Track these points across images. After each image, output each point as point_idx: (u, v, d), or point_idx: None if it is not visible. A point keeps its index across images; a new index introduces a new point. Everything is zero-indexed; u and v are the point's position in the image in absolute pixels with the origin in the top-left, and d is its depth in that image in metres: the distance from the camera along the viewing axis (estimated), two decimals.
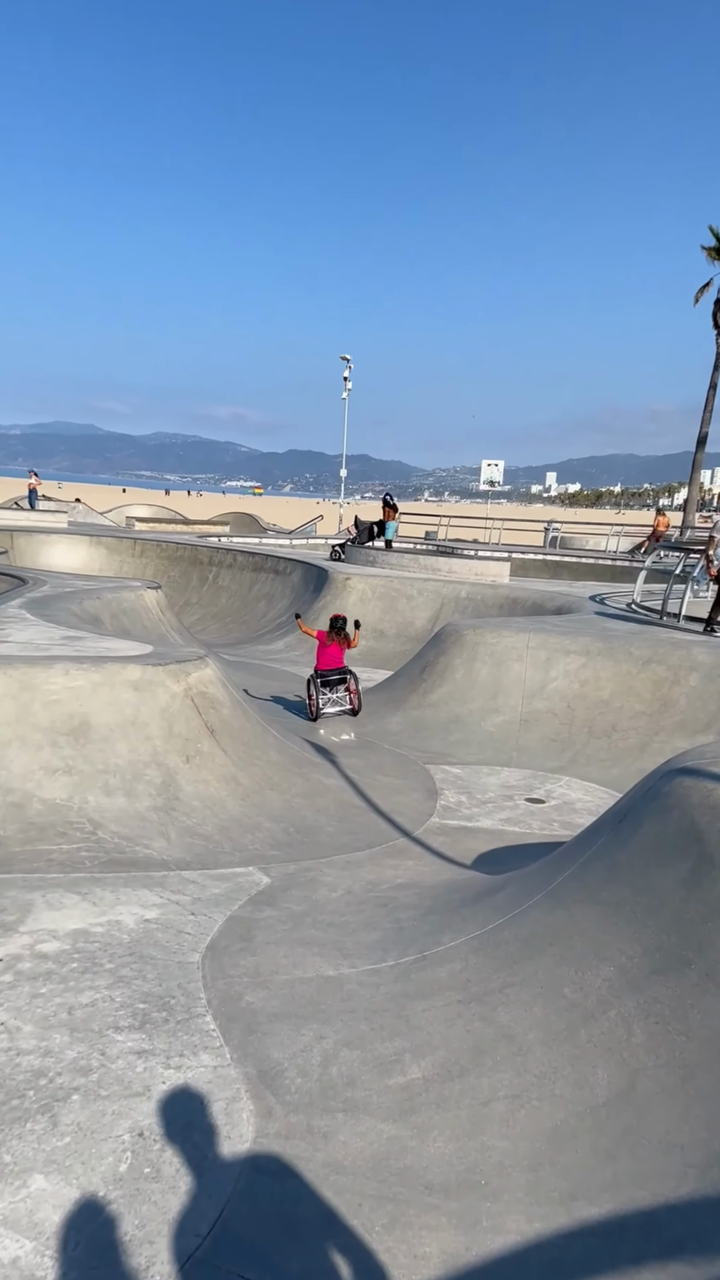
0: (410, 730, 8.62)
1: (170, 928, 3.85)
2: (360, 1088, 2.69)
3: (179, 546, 20.28)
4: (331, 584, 15.76)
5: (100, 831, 4.90)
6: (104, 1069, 2.69)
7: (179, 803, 5.46)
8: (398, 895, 4.59)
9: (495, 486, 29.13)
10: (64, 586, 10.16)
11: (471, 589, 14.97)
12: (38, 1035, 2.82)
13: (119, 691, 5.67)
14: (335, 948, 3.80)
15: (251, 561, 18.87)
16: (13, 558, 17.05)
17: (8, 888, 4.04)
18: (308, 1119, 2.53)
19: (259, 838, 5.46)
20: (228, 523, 35.61)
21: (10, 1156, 2.26)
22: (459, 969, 3.34)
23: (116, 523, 31.24)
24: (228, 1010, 3.15)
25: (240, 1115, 2.54)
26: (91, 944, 3.57)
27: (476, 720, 8.55)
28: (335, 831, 5.81)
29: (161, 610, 11.36)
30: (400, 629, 14.86)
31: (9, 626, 7.10)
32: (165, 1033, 2.95)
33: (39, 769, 5.11)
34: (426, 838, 5.88)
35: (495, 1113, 2.45)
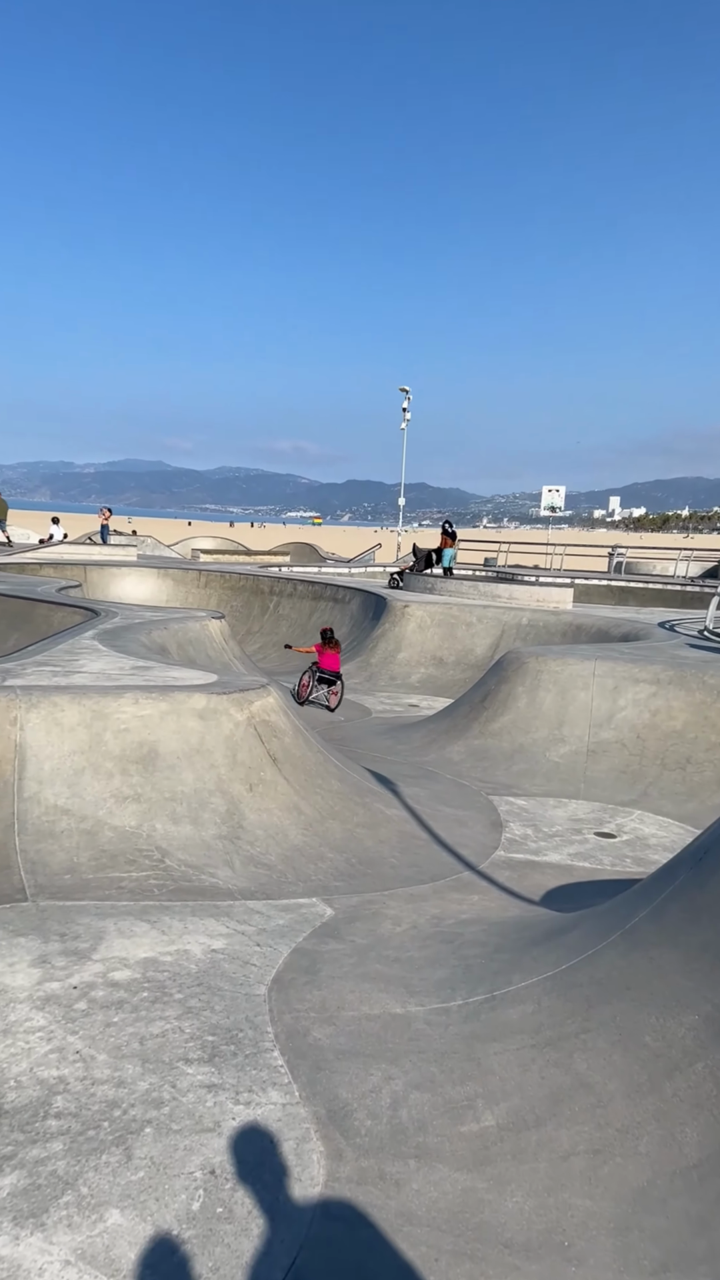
0: (472, 760, 8.49)
1: (237, 958, 3.86)
2: (432, 1133, 2.61)
3: (241, 577, 20.72)
4: (390, 612, 15.79)
5: (168, 859, 4.98)
6: (175, 1102, 2.70)
7: (243, 831, 5.50)
8: (464, 931, 4.48)
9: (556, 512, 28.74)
10: (134, 618, 10.49)
11: (533, 616, 14.75)
12: (111, 1065, 2.85)
13: (185, 720, 5.79)
14: (401, 984, 3.73)
15: (311, 590, 19.10)
16: (86, 590, 17.73)
17: (81, 914, 4.14)
18: (379, 1164, 2.47)
19: (322, 868, 5.44)
20: (288, 553, 36.23)
21: (87, 1189, 2.27)
22: (531, 1011, 3.23)
23: (182, 555, 32.19)
24: (295, 1046, 3.12)
25: (310, 1156, 2.50)
26: (161, 973, 3.60)
27: (541, 750, 8.35)
28: (398, 863, 5.74)
29: (225, 639, 11.59)
30: (460, 656, 14.74)
31: (83, 657, 7.36)
32: (234, 1067, 2.94)
33: (110, 796, 5.24)
34: (492, 871, 5.75)
35: (576, 1168, 2.34)
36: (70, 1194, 2.27)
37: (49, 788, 5.09)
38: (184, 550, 34.41)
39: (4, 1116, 2.57)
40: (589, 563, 28.73)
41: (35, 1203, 2.23)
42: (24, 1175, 2.33)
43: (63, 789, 5.13)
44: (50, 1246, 2.10)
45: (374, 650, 15.45)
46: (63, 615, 10.67)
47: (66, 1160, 2.40)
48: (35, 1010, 3.19)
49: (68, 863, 4.70)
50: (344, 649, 16.25)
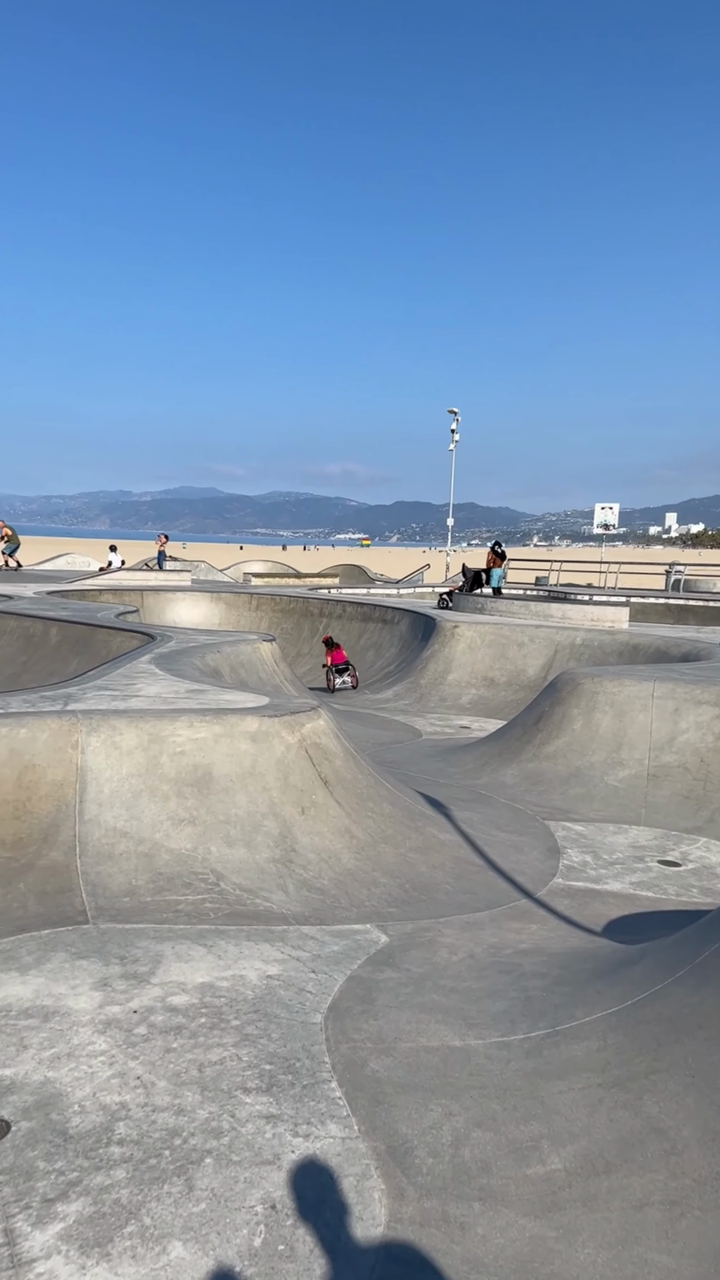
0: (526, 783, 8.32)
1: (292, 985, 3.84)
2: (496, 1175, 2.53)
3: (291, 599, 20.95)
4: (439, 632, 15.71)
5: (223, 883, 5.00)
6: (234, 1132, 2.68)
7: (296, 855, 5.50)
8: (522, 962, 4.37)
9: (610, 529, 28.17)
10: (188, 641, 10.69)
11: (587, 635, 14.47)
12: (171, 1092, 2.86)
13: (238, 743, 5.84)
14: (459, 1016, 3.65)
15: (360, 612, 19.17)
16: (143, 615, 18.19)
17: (140, 938, 4.18)
18: (442, 1205, 2.40)
19: (375, 893, 5.39)
20: (337, 574, 36.51)
21: (150, 1219, 2.27)
22: (596, 1049, 3.11)
23: (234, 579, 32.77)
24: (353, 1078, 3.08)
25: (371, 1195, 2.45)
26: (218, 999, 3.61)
27: (599, 774, 8.14)
28: (453, 890, 5.65)
29: (276, 662, 11.70)
30: (511, 677, 14.53)
31: (140, 681, 7.53)
32: (292, 1098, 2.91)
33: (166, 819, 5.31)
34: (550, 900, 5.60)
35: (651, 1220, 2.22)
36: (134, 1224, 2.27)
37: (108, 810, 5.19)
38: (236, 574, 35.03)
39: (69, 1142, 2.59)
40: (645, 580, 28.08)
41: (100, 1231, 2.24)
42: (89, 1203, 2.34)
43: (121, 811, 5.22)
44: (115, 1278, 2.10)
45: (423, 671, 15.37)
46: (121, 640, 10.95)
47: (130, 1189, 2.40)
48: (97, 1034, 3.22)
49: (126, 885, 4.77)
50: (393, 670, 16.27)
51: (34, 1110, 2.76)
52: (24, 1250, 2.15)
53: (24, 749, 5.25)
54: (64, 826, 5.04)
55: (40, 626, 12.26)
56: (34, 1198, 2.36)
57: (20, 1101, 2.79)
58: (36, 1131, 2.65)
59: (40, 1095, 2.83)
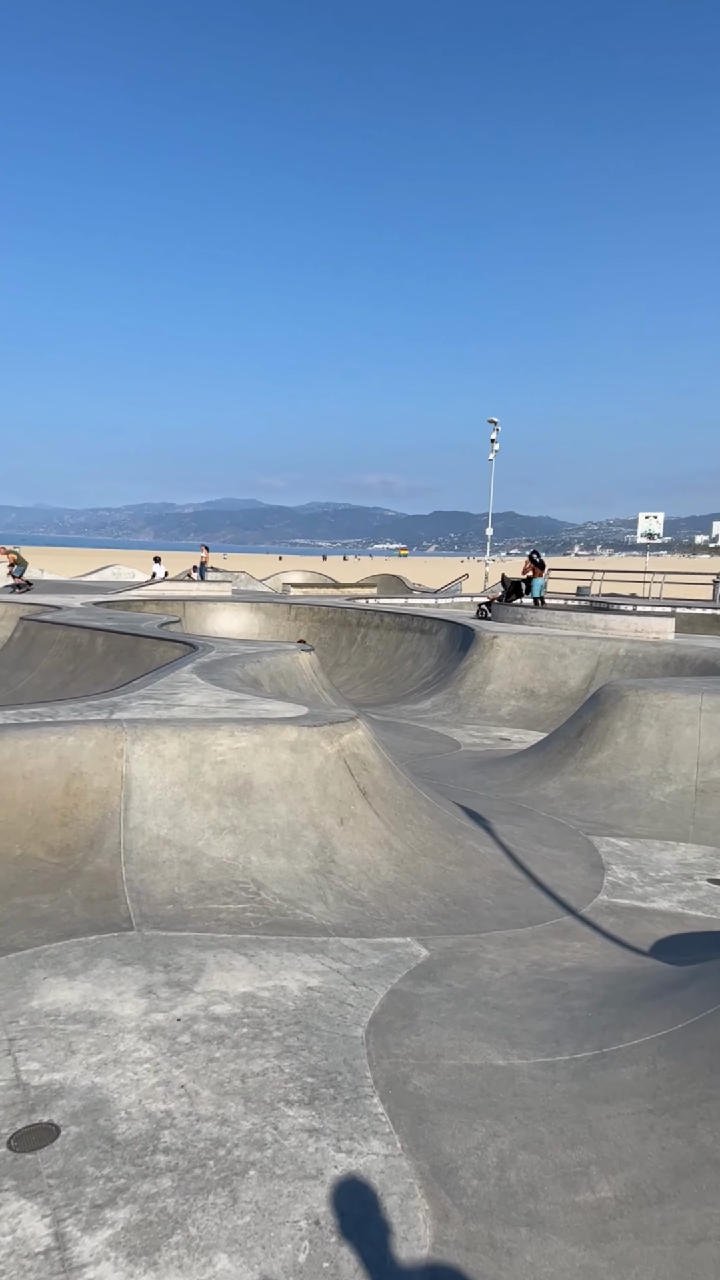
0: (569, 797, 8.18)
1: (333, 998, 3.83)
2: (544, 1200, 2.47)
3: (329, 610, 21.04)
4: (479, 643, 15.58)
5: (263, 892, 5.02)
6: (277, 1145, 2.68)
7: (335, 866, 5.50)
8: (567, 980, 4.28)
9: (654, 538, 27.61)
10: (229, 651, 10.82)
11: (631, 647, 14.20)
12: (215, 1102, 2.87)
13: (278, 753, 5.87)
14: (503, 1034, 3.59)
15: (398, 622, 19.15)
16: (185, 625, 18.47)
17: (183, 946, 4.22)
18: (488, 1229, 2.36)
19: (415, 906, 5.35)
20: (375, 584, 36.55)
21: (196, 1230, 2.28)
22: (646, 1073, 3.03)
23: (273, 589, 33.07)
24: (395, 1094, 3.05)
25: (416, 1215, 2.42)
26: (260, 1009, 3.62)
27: (644, 789, 7.96)
28: (494, 904, 5.57)
29: (314, 671, 11.75)
30: (552, 689, 14.34)
31: (182, 690, 7.64)
32: (334, 1112, 2.89)
33: (208, 828, 5.36)
34: (595, 917, 5.48)
35: (708, 1255, 2.15)
36: (180, 1234, 2.28)
37: (152, 818, 5.27)
38: (275, 584, 35.35)
39: (116, 1148, 2.62)
40: (691, 590, 27.46)
41: (148, 1240, 2.26)
42: (136, 1210, 2.36)
43: (164, 819, 5.29)
44: None
45: (462, 682, 15.26)
46: (164, 650, 11.13)
47: (176, 1198, 2.42)
48: (142, 1041, 3.26)
49: (169, 893, 4.82)
50: (430, 681, 16.20)
51: (82, 1115, 2.79)
52: (74, 1255, 2.18)
53: (72, 757, 5.36)
54: (109, 833, 5.13)
55: (87, 636, 12.54)
56: (83, 1203, 2.39)
57: (69, 1106, 2.84)
58: (85, 1137, 2.69)
59: (88, 1101, 2.87)
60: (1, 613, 16.59)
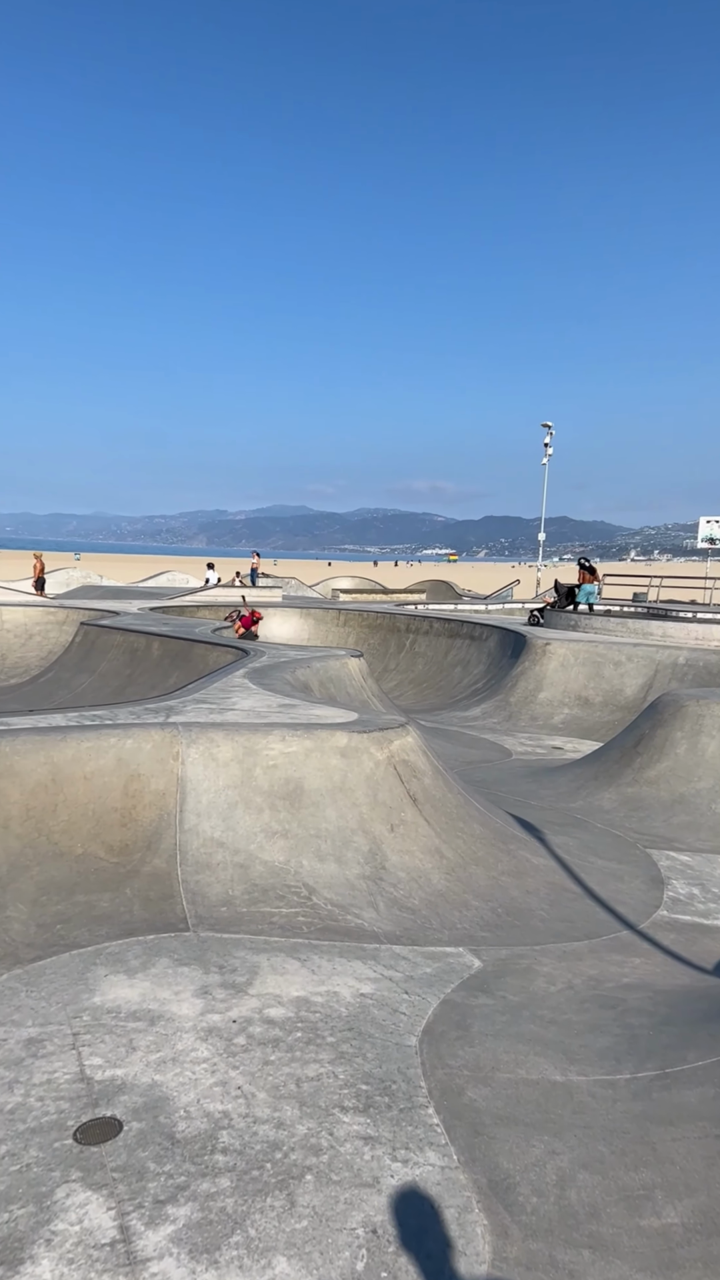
0: (625, 809, 7.98)
1: (386, 1005, 3.81)
2: (606, 1222, 2.41)
3: (378, 615, 21.05)
4: (530, 649, 15.37)
5: (315, 897, 5.04)
6: (333, 1151, 2.68)
7: (385, 873, 5.48)
8: (626, 997, 4.17)
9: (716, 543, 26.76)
10: (279, 656, 10.93)
11: (691, 655, 13.81)
12: (271, 1105, 2.89)
13: (328, 758, 5.90)
14: (560, 1049, 3.52)
15: (447, 628, 19.03)
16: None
17: (237, 948, 4.27)
18: (549, 1249, 2.31)
19: (467, 916, 5.29)
20: (424, 590, 36.43)
21: (255, 1231, 2.30)
22: (712, 1096, 2.93)
23: (323, 595, 33.29)
24: (450, 1105, 3.02)
25: (474, 1230, 2.38)
26: (313, 1014, 3.63)
27: (706, 802, 7.71)
28: (548, 917, 5.47)
29: (363, 677, 11.77)
30: (607, 697, 14.03)
31: (234, 695, 7.75)
32: (389, 1120, 2.88)
33: (260, 831, 5.41)
34: (654, 933, 5.33)
35: None
36: (239, 1234, 2.30)
37: (206, 820, 5.35)
38: (324, 590, 35.57)
39: (176, 1146, 2.67)
40: None
41: (209, 1238, 2.28)
42: (197, 1208, 2.39)
43: (218, 822, 5.37)
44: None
45: (513, 689, 15.06)
46: (217, 655, 11.32)
47: (234, 1199, 2.44)
48: (199, 1041, 3.31)
49: (223, 895, 4.89)
50: (480, 688, 16.04)
51: (143, 1112, 2.85)
52: (139, 1249, 2.22)
53: (130, 759, 5.49)
54: (166, 835, 5.23)
55: (143, 641, 12.84)
56: (146, 1198, 2.43)
57: (130, 1102, 2.90)
58: (146, 1133, 2.74)
59: (149, 1098, 2.92)
60: (64, 618, 17.12)
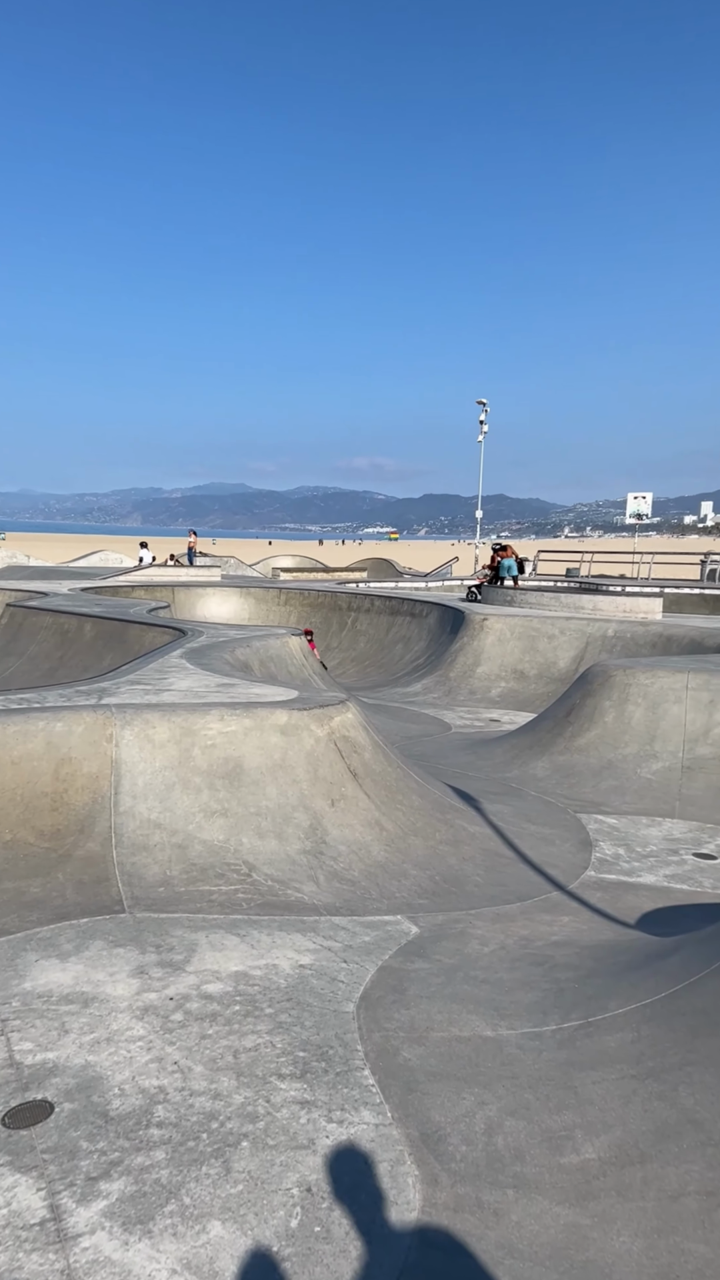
0: (557, 776, 8.27)
1: (324, 975, 3.88)
2: (530, 1163, 2.53)
3: (319, 594, 21.02)
4: (468, 625, 15.63)
5: (255, 874, 5.07)
6: (270, 1117, 2.73)
7: (326, 847, 5.54)
8: (555, 953, 4.36)
9: (643, 519, 27.67)
10: (218, 636, 10.81)
11: (619, 627, 14.29)
12: (207, 1077, 2.92)
13: (268, 736, 5.90)
14: (491, 1006, 3.66)
15: (388, 605, 19.16)
16: (174, 610, 18.41)
17: (175, 927, 4.26)
18: (476, 1192, 2.42)
19: (405, 885, 5.41)
20: (365, 568, 36.52)
21: (190, 1199, 2.33)
22: (630, 1040, 3.10)
23: (263, 574, 32.98)
24: (385, 1065, 3.11)
25: (405, 1180, 2.47)
26: (252, 987, 3.66)
27: (631, 767, 8.05)
28: (483, 882, 5.64)
29: (305, 656, 11.76)
30: (542, 670, 14.42)
31: (171, 675, 7.64)
32: (325, 1084, 2.95)
33: (199, 811, 5.39)
34: (583, 892, 5.57)
35: (687, 1210, 2.21)
36: (174, 1203, 2.33)
37: (142, 802, 5.29)
38: (265, 569, 35.25)
39: (110, 1123, 2.67)
40: (680, 571, 27.60)
41: (142, 1209, 2.30)
42: (131, 1182, 2.41)
43: (155, 803, 5.32)
44: (157, 1254, 2.16)
45: (452, 664, 15.32)
46: (153, 635, 11.10)
47: (169, 1170, 2.46)
48: (135, 1020, 3.30)
49: (161, 875, 4.86)
50: (421, 664, 16.25)
51: (76, 1093, 2.84)
52: (70, 1225, 2.23)
53: (60, 742, 5.37)
54: (100, 818, 5.15)
55: (75, 623, 12.48)
56: (78, 1176, 2.43)
57: (63, 1084, 2.88)
58: (79, 1113, 2.73)
59: (81, 1078, 2.91)
60: None
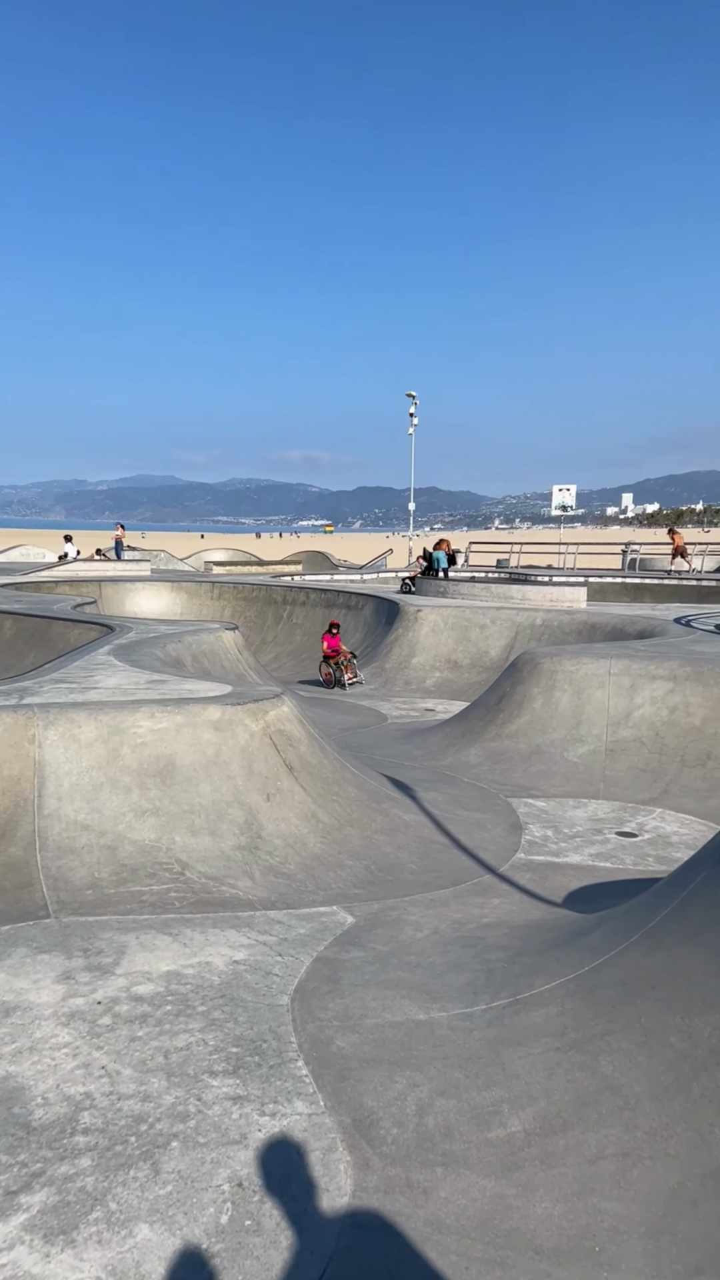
0: (489, 762, 8.45)
1: (259, 969, 3.87)
2: (459, 1140, 2.60)
3: (254, 587, 20.81)
4: (403, 617, 15.78)
5: (188, 872, 5.00)
6: (201, 1115, 2.70)
7: (261, 841, 5.52)
8: (485, 935, 4.46)
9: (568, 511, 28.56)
10: (148, 632, 10.57)
11: (547, 616, 14.69)
12: (137, 1079, 2.87)
13: (201, 732, 5.81)
14: (424, 990, 3.72)
15: (324, 598, 19.14)
16: (101, 606, 17.88)
17: (104, 929, 4.16)
18: (406, 1172, 2.46)
19: (341, 876, 5.44)
20: (300, 561, 36.36)
21: (116, 1204, 2.29)
22: (555, 1014, 3.20)
23: (195, 568, 32.39)
24: (319, 1055, 3.12)
25: (337, 1167, 2.50)
26: (184, 986, 3.62)
27: (559, 751, 8.31)
28: (418, 869, 5.73)
29: (239, 650, 11.64)
30: (474, 659, 14.69)
31: (98, 673, 7.43)
32: (259, 1078, 2.94)
33: (129, 811, 5.27)
34: (513, 874, 5.72)
35: (605, 1172, 2.31)
36: (99, 1210, 2.28)
37: (68, 804, 5.14)
38: (197, 563, 34.63)
39: (32, 1134, 2.59)
40: (603, 560, 28.56)
41: (65, 1219, 2.25)
42: (53, 1192, 2.35)
43: (82, 805, 5.17)
44: (80, 1263, 2.11)
45: (388, 656, 15.45)
46: (78, 632, 10.77)
47: (95, 1176, 2.41)
48: (60, 1026, 3.21)
49: (89, 878, 4.73)
50: (358, 655, 16.30)
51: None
52: None
53: None
54: (22, 822, 4.98)
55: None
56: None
57: None
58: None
59: (1, 1090, 2.81)
60: None
